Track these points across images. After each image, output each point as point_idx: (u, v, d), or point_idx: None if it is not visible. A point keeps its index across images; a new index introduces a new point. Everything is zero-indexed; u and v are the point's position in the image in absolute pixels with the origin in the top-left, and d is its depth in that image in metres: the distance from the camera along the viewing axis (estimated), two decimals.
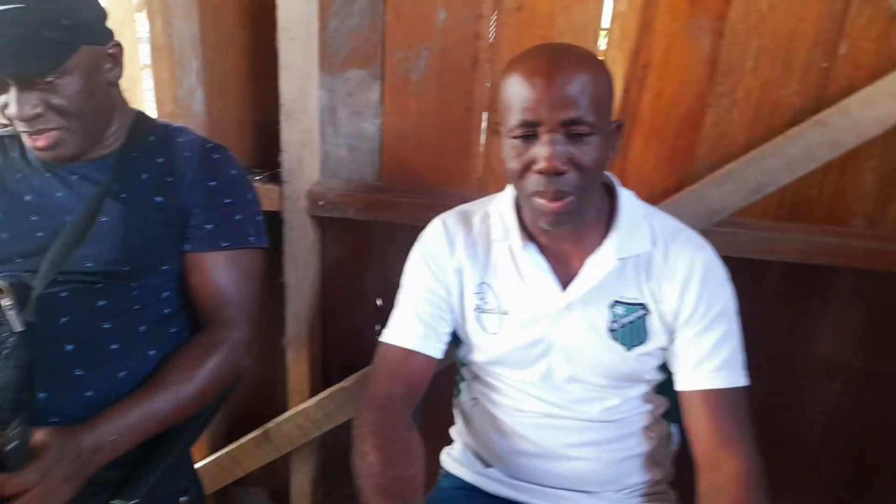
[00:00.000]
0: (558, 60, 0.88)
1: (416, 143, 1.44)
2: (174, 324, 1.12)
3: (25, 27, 0.93)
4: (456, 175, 1.46)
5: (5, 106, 0.97)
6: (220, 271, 1.11)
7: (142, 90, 1.57)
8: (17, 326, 0.94)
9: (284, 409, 1.62)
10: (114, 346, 1.02)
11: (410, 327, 1.05)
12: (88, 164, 1.08)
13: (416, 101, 1.41)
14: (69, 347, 0.99)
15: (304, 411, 1.55)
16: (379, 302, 1.61)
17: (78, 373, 0.99)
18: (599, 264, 0.97)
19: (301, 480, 1.67)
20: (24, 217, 1.05)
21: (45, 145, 1.00)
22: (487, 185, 1.47)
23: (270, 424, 1.58)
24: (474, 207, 1.10)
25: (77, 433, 0.90)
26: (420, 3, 1.34)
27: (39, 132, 0.99)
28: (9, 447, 0.81)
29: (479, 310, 1.03)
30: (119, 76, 1.08)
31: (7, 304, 0.95)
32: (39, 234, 1.04)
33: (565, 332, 0.99)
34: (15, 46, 0.92)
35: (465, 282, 1.04)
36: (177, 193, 1.09)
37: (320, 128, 1.43)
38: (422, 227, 1.11)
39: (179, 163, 1.10)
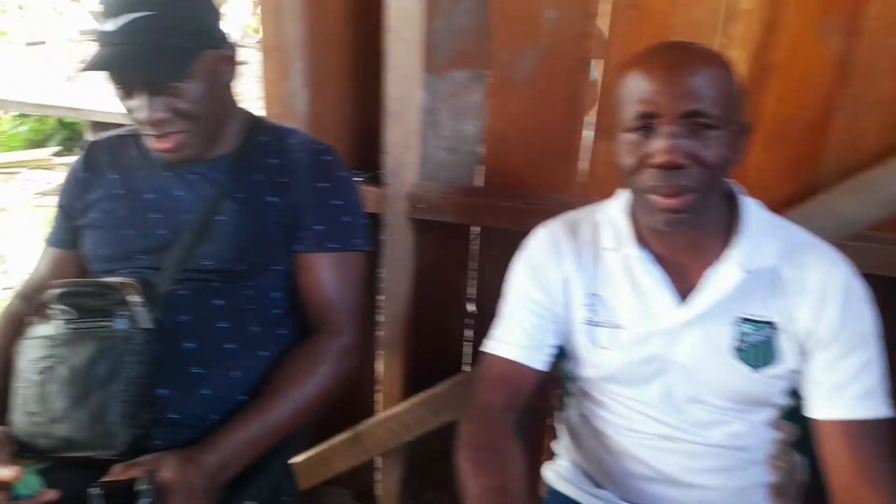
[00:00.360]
0: (680, 53, 0.85)
1: (517, 146, 1.41)
2: (283, 325, 1.12)
3: (156, 34, 0.94)
4: (558, 180, 1.42)
5: (132, 110, 1.00)
6: (328, 273, 1.11)
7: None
8: (146, 323, 0.96)
9: (372, 412, 1.62)
10: (229, 346, 1.03)
11: (514, 338, 1.01)
12: (206, 164, 1.09)
13: (520, 103, 1.37)
14: (189, 345, 1.01)
15: (397, 415, 1.53)
16: (472, 308, 1.58)
17: (196, 371, 1.00)
18: (724, 277, 0.90)
19: (389, 483, 1.66)
20: (145, 215, 1.08)
21: (171, 147, 1.02)
22: (591, 191, 1.41)
23: (362, 427, 1.58)
24: (581, 215, 1.05)
25: (201, 457, 0.92)
26: (527, 1, 1.30)
27: (165, 135, 1.01)
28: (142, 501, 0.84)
29: (590, 322, 0.99)
30: (234, 78, 1.09)
31: (136, 300, 0.97)
32: (161, 232, 1.07)
33: (684, 350, 0.93)
34: (146, 53, 0.94)
35: (573, 292, 1.00)
36: (289, 194, 1.10)
37: (420, 129, 1.42)
38: (521, 233, 1.08)
39: (292, 164, 1.11)
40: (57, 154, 6.29)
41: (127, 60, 0.93)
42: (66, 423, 0.92)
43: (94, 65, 0.93)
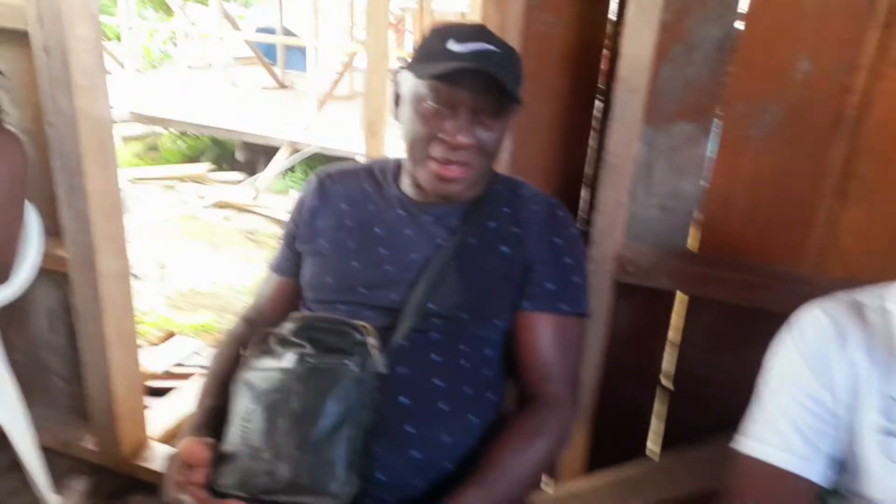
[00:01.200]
0: None
1: (744, 208, 1.25)
2: (493, 389, 1.04)
3: (499, 67, 0.94)
4: (788, 250, 1.24)
5: (443, 131, 0.96)
6: (551, 336, 1.02)
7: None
8: (381, 368, 0.91)
9: (550, 482, 1.49)
10: (443, 406, 0.96)
11: (787, 441, 0.85)
12: (443, 207, 1.06)
13: (753, 162, 1.22)
14: (404, 401, 0.95)
15: (577, 492, 1.40)
16: (667, 383, 1.42)
17: (408, 429, 0.93)
18: None
19: None
20: (373, 248, 1.05)
21: (454, 177, 0.98)
22: (827, 265, 1.23)
23: (537, 498, 1.46)
24: (863, 298, 0.88)
25: None
26: (776, 51, 1.15)
27: (459, 163, 0.97)
28: None
29: (887, 433, 0.81)
30: None
31: (374, 343, 0.92)
32: (387, 268, 1.03)
33: None
34: (498, 74, 0.92)
35: (862, 391, 0.82)
36: (522, 246, 1.04)
37: (632, 185, 1.30)
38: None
39: (526, 215, 1.06)
40: (211, 170, 6.74)
41: (483, 72, 0.92)
42: (292, 463, 0.85)
43: (454, 69, 0.91)
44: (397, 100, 1.03)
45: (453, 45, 0.94)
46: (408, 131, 0.99)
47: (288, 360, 0.91)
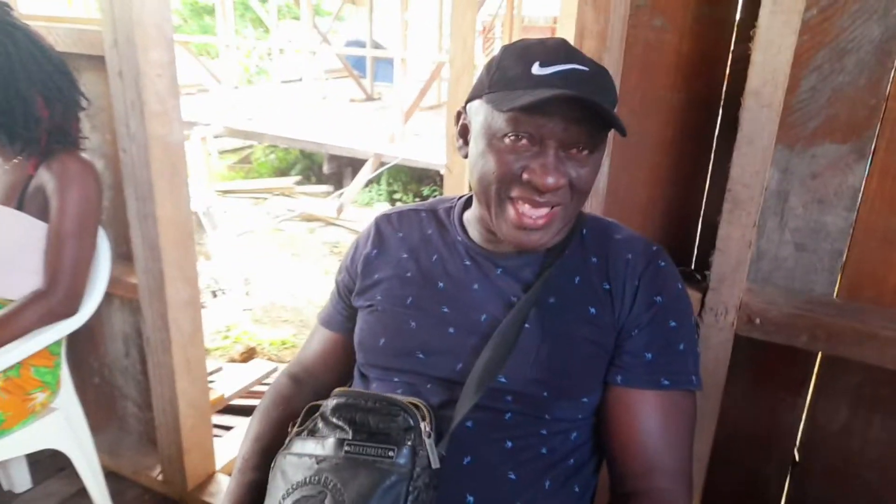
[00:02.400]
0: None
1: None
2: (578, 480, 0.85)
3: (591, 87, 0.76)
4: None
5: (523, 164, 0.78)
6: (654, 418, 0.82)
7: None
8: (434, 462, 0.74)
9: None
10: None
11: None
12: (518, 257, 0.88)
13: None
14: (469, 499, 0.77)
15: None
16: (798, 456, 1.18)
17: None
18: None
19: None
20: (435, 306, 0.89)
21: (544, 224, 0.80)
22: None
23: None
24: None
25: None
26: None
27: (547, 206, 0.80)
28: None
29: None
30: None
31: (426, 429, 0.75)
32: (451, 331, 0.87)
33: None
34: (595, 105, 0.75)
35: None
36: (614, 306, 0.85)
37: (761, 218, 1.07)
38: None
39: (620, 268, 0.86)
40: (298, 183, 6.85)
41: (578, 98, 0.74)
42: None
43: (548, 98, 0.74)
44: (465, 134, 0.87)
45: (538, 69, 0.76)
46: (481, 171, 0.81)
47: (326, 446, 0.76)
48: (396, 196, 6.46)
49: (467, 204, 0.96)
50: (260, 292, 4.40)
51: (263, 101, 8.25)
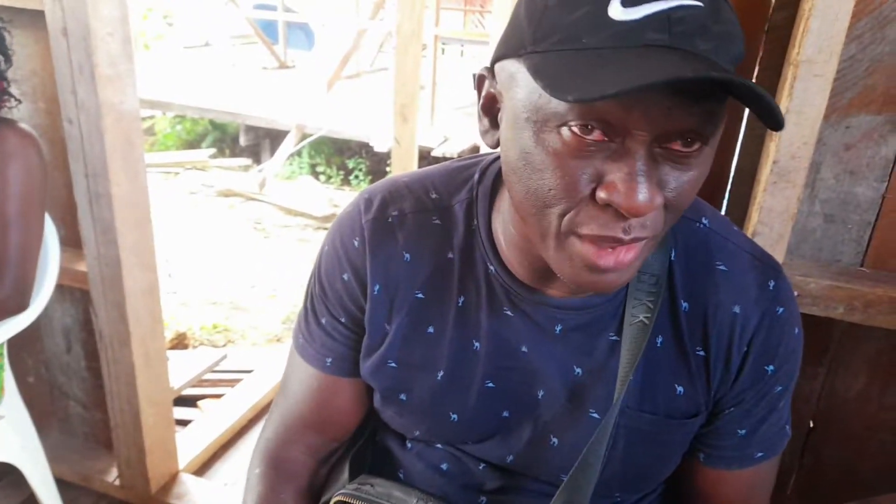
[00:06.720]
0: None
1: None
2: None
3: (727, 38, 0.46)
4: None
5: (596, 173, 0.48)
6: (735, 491, 0.71)
7: None
8: None
9: None
10: None
11: None
12: (577, 300, 0.63)
13: None
14: None
15: None
16: (812, 423, 1.20)
17: None
18: None
19: None
20: (474, 380, 0.66)
21: (632, 259, 0.52)
22: None
23: None
24: None
25: None
26: None
27: (632, 241, 0.50)
28: None
29: None
30: None
31: None
32: (504, 415, 0.67)
33: None
34: (724, 79, 0.43)
35: None
36: (710, 381, 0.64)
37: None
38: None
39: (724, 327, 0.63)
40: (212, 156, 6.45)
41: (698, 77, 0.43)
42: None
43: (639, 85, 0.41)
44: (492, 108, 0.57)
45: (620, 11, 0.44)
46: (527, 184, 0.51)
47: None
48: (319, 169, 6.22)
49: (494, 188, 0.66)
50: (183, 274, 4.12)
51: (165, 68, 7.68)
